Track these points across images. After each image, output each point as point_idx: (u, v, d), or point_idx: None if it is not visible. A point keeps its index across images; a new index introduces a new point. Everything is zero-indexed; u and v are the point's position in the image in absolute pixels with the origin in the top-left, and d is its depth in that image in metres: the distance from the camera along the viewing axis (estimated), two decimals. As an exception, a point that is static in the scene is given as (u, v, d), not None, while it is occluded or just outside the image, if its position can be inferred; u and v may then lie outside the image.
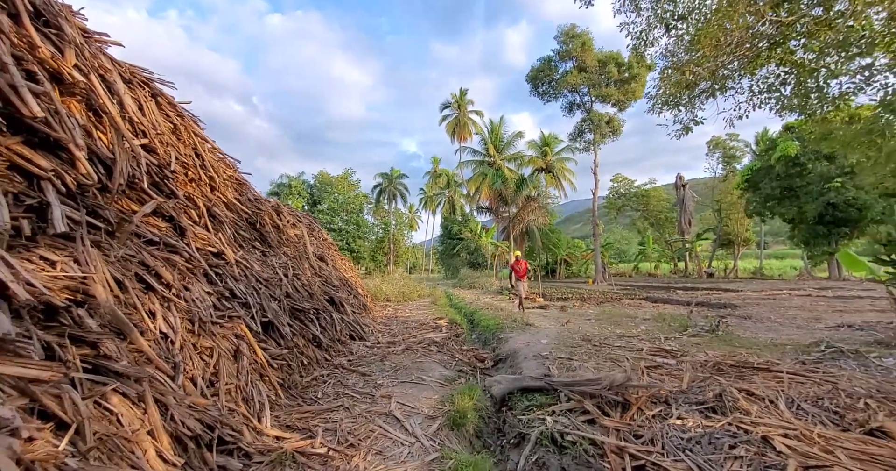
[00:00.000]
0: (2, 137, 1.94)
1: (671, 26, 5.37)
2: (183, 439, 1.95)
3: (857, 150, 4.48)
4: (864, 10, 4.05)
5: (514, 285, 11.01)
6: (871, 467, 2.00)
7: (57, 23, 2.36)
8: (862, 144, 4.36)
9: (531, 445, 2.69)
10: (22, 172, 2.06)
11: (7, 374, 1.27)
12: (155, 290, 2.58)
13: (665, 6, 5.39)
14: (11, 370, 1.28)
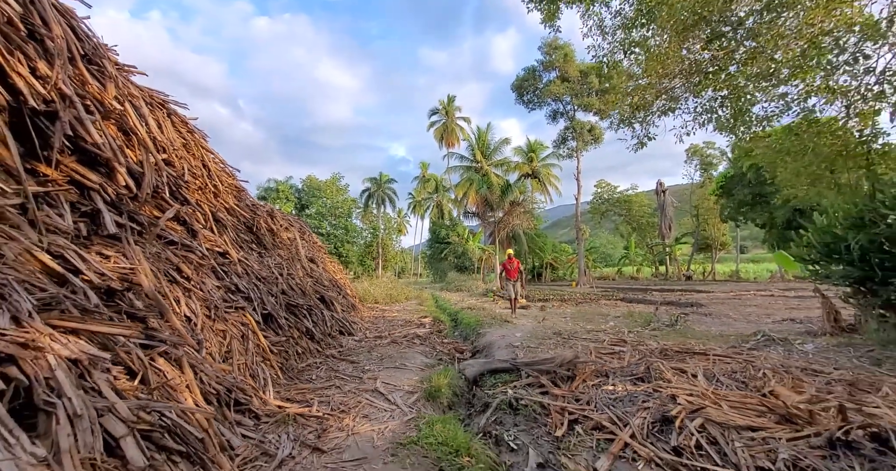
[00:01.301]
0: (64, 157, 2.45)
1: (629, 52, 6.10)
2: (209, 397, 2.47)
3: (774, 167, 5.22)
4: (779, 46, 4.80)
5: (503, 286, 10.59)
6: (738, 409, 2.63)
7: (99, 61, 2.88)
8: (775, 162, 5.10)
9: (492, 409, 3.27)
10: (76, 184, 2.57)
11: (100, 331, 1.79)
12: (177, 281, 3.08)
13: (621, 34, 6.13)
14: (104, 329, 1.79)
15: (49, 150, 2.27)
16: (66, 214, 2.32)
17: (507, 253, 10.58)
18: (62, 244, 2.09)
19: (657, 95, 5.35)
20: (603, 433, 2.65)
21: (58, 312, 1.72)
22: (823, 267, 5.14)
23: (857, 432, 2.11)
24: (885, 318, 4.60)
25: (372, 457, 2.44)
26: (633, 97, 5.42)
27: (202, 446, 2.01)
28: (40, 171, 2.28)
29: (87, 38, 2.74)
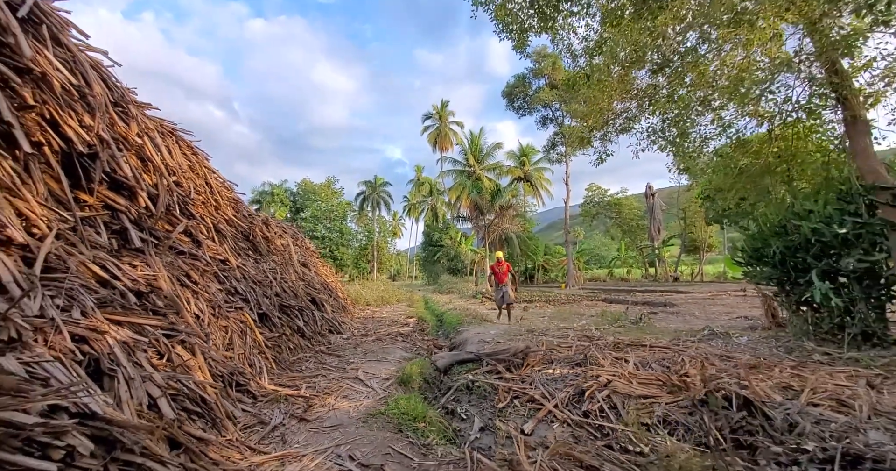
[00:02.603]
0: (99, 186, 3.07)
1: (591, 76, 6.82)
2: (216, 378, 3.09)
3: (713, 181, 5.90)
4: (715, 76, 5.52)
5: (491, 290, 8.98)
6: (643, 384, 3.29)
7: (124, 105, 3.51)
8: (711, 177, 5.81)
9: (452, 390, 3.91)
10: (107, 207, 3.19)
11: (138, 322, 2.41)
12: (187, 285, 3.70)
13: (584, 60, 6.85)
14: (141, 320, 2.41)
15: (90, 182, 2.89)
16: (102, 232, 2.94)
17: (497, 256, 9.34)
18: (103, 257, 2.71)
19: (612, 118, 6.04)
20: (534, 405, 3.29)
21: (110, 308, 2.34)
22: (752, 269, 5.84)
23: (711, 394, 2.78)
24: (800, 313, 5.30)
25: (347, 424, 3.07)
26: (589, 119, 6.12)
27: (213, 411, 2.63)
28: (82, 199, 2.90)
29: (115, 87, 3.36)
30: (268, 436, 2.87)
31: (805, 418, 2.56)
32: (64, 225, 2.48)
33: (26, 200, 2.15)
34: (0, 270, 1.82)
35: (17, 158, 2.21)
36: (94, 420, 1.72)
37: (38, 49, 2.27)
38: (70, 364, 1.83)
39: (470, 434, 3.06)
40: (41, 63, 2.27)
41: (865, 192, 4.43)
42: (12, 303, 1.71)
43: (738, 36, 5.18)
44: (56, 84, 2.40)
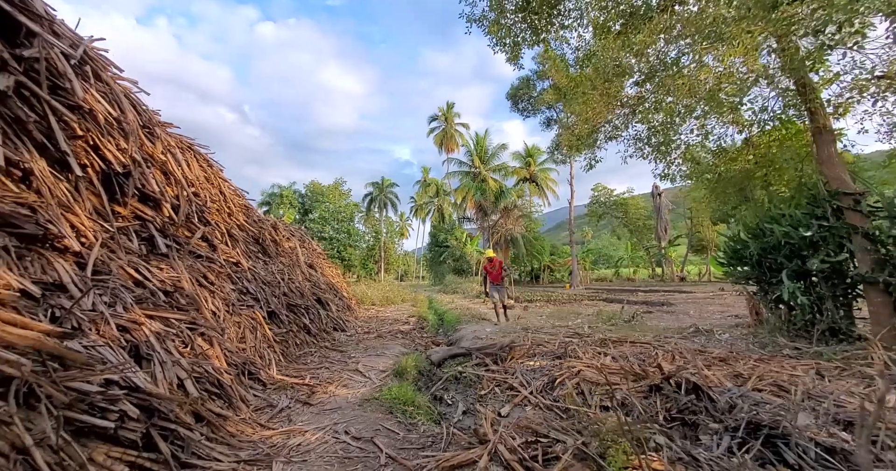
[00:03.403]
0: (131, 200, 3.54)
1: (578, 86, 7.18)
2: (230, 366, 3.54)
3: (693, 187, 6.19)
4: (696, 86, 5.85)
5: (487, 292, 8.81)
6: (612, 374, 3.66)
7: (151, 127, 3.98)
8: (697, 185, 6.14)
9: (442, 380, 4.31)
10: (137, 218, 3.66)
11: (167, 316, 2.85)
12: (205, 285, 4.16)
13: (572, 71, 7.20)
14: (169, 315, 2.86)
15: (124, 196, 3.36)
16: (134, 240, 3.41)
17: (487, 255, 9.00)
18: (136, 261, 3.17)
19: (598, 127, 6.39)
20: (513, 392, 3.68)
21: (145, 304, 2.79)
22: (732, 269, 6.14)
23: (666, 381, 3.13)
24: (775, 311, 5.60)
25: (345, 407, 3.49)
26: (576, 128, 6.46)
27: (229, 394, 3.07)
28: (117, 211, 3.37)
29: (143, 112, 3.83)
30: (276, 416, 3.30)
31: (745, 401, 2.91)
32: (105, 235, 2.94)
33: (77, 214, 2.60)
34: (62, 273, 2.28)
35: (70, 179, 2.67)
36: (138, 392, 2.16)
37: (85, 88, 2.73)
38: (117, 349, 2.27)
39: (454, 417, 3.45)
40: (88, 100, 2.73)
41: (830, 197, 4.72)
42: (74, 300, 2.16)
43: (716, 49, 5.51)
44: (100, 116, 2.85)
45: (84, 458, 1.78)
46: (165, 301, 3.24)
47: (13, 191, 2.20)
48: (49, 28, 2.43)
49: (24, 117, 2.23)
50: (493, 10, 7.08)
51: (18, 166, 2.24)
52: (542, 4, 7.16)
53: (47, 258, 2.25)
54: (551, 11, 7.37)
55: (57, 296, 2.18)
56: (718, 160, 6.06)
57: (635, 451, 1.68)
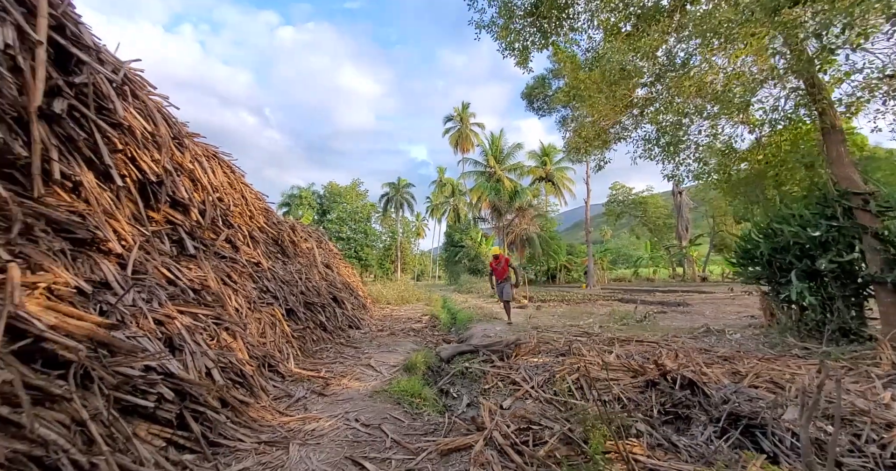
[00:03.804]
0: (163, 206, 3.88)
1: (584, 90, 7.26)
2: (252, 359, 3.83)
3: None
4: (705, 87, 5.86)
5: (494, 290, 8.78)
6: (613, 370, 3.78)
7: (180, 138, 4.32)
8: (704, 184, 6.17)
9: (449, 375, 4.52)
10: (168, 222, 4.00)
11: (196, 312, 3.16)
12: (228, 284, 4.49)
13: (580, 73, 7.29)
14: (198, 311, 3.16)
15: (157, 202, 3.70)
16: (165, 242, 3.74)
17: (493, 252, 9.00)
18: (168, 262, 3.50)
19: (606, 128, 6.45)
20: (515, 386, 3.85)
21: (176, 300, 3.10)
22: (743, 269, 6.11)
23: (663, 378, 3.24)
24: (786, 311, 5.56)
25: (356, 398, 3.74)
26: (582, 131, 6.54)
27: (251, 383, 3.36)
28: (151, 216, 3.71)
29: (173, 124, 4.18)
30: (293, 405, 3.57)
31: (739, 397, 3.00)
32: (141, 238, 3.27)
33: (119, 220, 2.92)
34: (107, 273, 2.59)
35: (112, 189, 3.00)
36: (172, 378, 2.45)
37: (125, 107, 3.05)
38: (154, 339, 2.57)
39: (458, 408, 3.65)
40: (128, 117, 3.05)
41: (839, 197, 4.69)
42: (119, 297, 2.46)
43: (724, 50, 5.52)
44: (137, 131, 3.18)
45: (129, 432, 2.06)
46: (194, 298, 3.55)
47: (66, 200, 2.52)
48: (96, 56, 2.75)
49: (76, 136, 2.55)
50: (501, 16, 7.23)
51: (70, 179, 2.56)
52: (551, 8, 7.27)
53: (95, 260, 2.57)
54: (560, 14, 7.47)
55: (103, 293, 2.49)
56: (728, 160, 6.05)
57: (612, 435, 1.84)
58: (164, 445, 2.26)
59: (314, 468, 2.35)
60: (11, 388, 1.59)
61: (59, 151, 2.41)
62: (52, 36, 2.30)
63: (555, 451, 2.03)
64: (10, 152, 2.08)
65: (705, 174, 6.03)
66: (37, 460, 1.64)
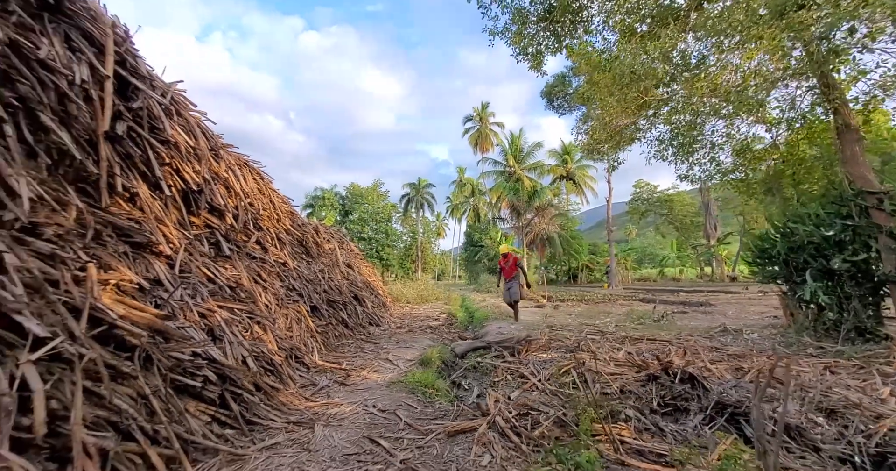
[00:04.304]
0: (202, 211, 4.30)
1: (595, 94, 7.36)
2: (280, 351, 4.21)
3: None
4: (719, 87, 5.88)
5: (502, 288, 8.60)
6: (617, 366, 3.94)
7: (216, 149, 4.76)
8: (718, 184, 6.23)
9: (462, 369, 4.77)
10: (207, 226, 4.43)
11: (233, 307, 3.54)
12: (259, 282, 4.90)
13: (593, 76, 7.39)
14: (234, 306, 3.55)
15: (197, 208, 4.12)
16: (205, 244, 4.17)
17: (501, 250, 8.86)
18: (207, 262, 3.91)
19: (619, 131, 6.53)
20: (523, 379, 4.06)
21: (216, 296, 3.49)
22: (760, 268, 6.08)
23: (664, 372, 3.39)
24: (803, 310, 5.52)
25: (374, 388, 4.05)
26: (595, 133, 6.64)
27: (280, 372, 3.72)
28: (192, 221, 4.14)
29: (210, 137, 4.62)
30: (317, 392, 3.92)
31: (738, 391, 3.13)
32: (185, 241, 3.68)
33: (167, 225, 3.33)
34: (159, 272, 2.99)
35: (161, 198, 3.41)
36: (215, 363, 2.81)
37: (171, 125, 3.46)
38: (198, 329, 2.95)
39: (468, 399, 3.90)
40: (174, 134, 3.47)
41: (854, 196, 4.66)
42: (170, 293, 2.85)
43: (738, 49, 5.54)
44: (181, 146, 3.59)
45: (182, 407, 2.43)
46: (230, 295, 3.95)
47: (126, 209, 2.93)
48: (149, 84, 3.16)
49: (133, 153, 2.96)
50: (515, 23, 7.41)
51: (129, 190, 2.97)
52: (564, 12, 7.40)
53: (149, 260, 2.97)
54: (574, 18, 7.59)
55: (157, 289, 2.88)
56: (744, 160, 6.04)
57: (599, 419, 2.05)
58: (209, 420, 2.62)
59: (336, 445, 2.66)
60: (94, 365, 1.96)
61: (120, 167, 2.81)
62: (115, 69, 2.69)
63: (548, 432, 2.25)
64: (85, 170, 2.48)
65: (719, 174, 6.04)
66: (113, 424, 2.01)
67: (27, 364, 1.67)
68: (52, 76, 2.19)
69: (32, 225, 1.97)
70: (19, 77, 2.06)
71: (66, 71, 2.25)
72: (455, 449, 2.44)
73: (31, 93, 2.11)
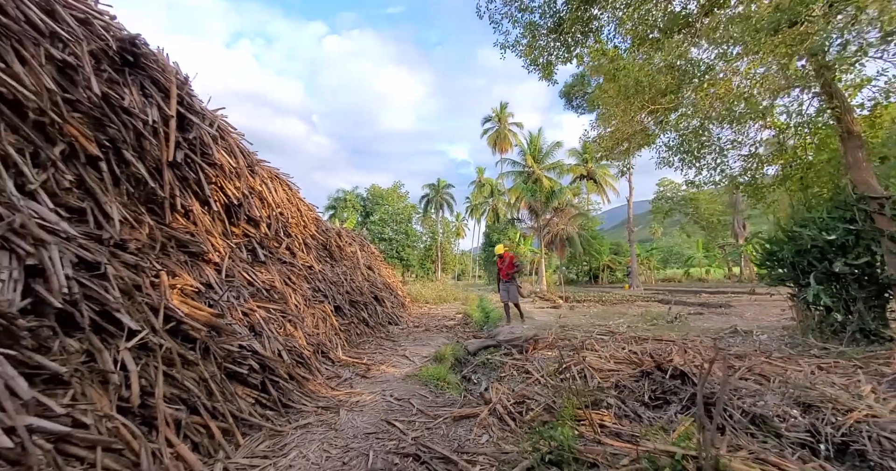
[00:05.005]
0: (241, 222, 4.86)
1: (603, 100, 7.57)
2: (309, 345, 4.72)
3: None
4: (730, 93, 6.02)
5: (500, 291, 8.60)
6: (616, 363, 4.23)
7: (252, 165, 5.33)
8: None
9: (472, 365, 5.16)
10: (244, 235, 4.99)
11: (270, 307, 4.06)
12: (289, 284, 5.43)
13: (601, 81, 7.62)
14: (270, 306, 4.06)
15: (238, 220, 4.68)
16: (243, 252, 4.72)
17: (497, 250, 8.64)
18: (246, 267, 4.45)
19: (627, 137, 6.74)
20: (527, 375, 4.41)
21: (255, 298, 4.02)
22: (768, 271, 6.18)
23: (657, 369, 3.67)
24: (809, 312, 5.61)
25: (392, 380, 4.49)
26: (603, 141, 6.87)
27: (309, 364, 4.21)
28: (232, 231, 4.70)
29: (247, 155, 5.19)
30: (341, 383, 4.39)
31: (726, 386, 3.39)
32: (228, 249, 4.23)
33: (215, 236, 3.88)
34: (210, 277, 3.52)
35: (209, 212, 3.97)
36: (257, 354, 3.31)
37: (217, 149, 4.01)
38: (242, 326, 3.46)
39: (476, 391, 4.28)
40: (219, 157, 4.01)
41: (856, 201, 4.76)
42: (220, 295, 3.37)
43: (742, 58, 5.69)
44: (225, 166, 4.14)
45: (232, 390, 2.93)
46: (266, 296, 4.48)
47: (182, 224, 3.48)
48: (201, 117, 3.71)
49: (188, 176, 3.50)
50: (525, 36, 7.73)
51: (185, 208, 3.52)
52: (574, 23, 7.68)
53: (201, 267, 3.50)
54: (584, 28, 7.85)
55: (209, 291, 3.41)
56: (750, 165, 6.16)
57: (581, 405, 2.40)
58: (253, 402, 3.12)
59: (358, 425, 3.10)
60: (169, 353, 2.47)
61: (178, 189, 3.36)
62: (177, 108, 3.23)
63: (538, 416, 2.62)
64: (154, 193, 3.02)
65: (727, 179, 6.19)
66: (183, 400, 2.52)
67: (125, 351, 2.18)
68: (132, 120, 2.73)
69: (122, 241, 2.50)
70: (109, 123, 2.59)
71: (142, 115, 2.79)
72: (459, 430, 2.83)
73: (118, 134, 2.65)
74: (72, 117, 2.36)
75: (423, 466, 2.27)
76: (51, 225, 1.97)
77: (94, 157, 2.48)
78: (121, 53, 2.83)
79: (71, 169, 2.32)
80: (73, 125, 2.34)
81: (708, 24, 6.24)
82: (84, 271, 2.13)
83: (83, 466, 1.73)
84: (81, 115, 2.48)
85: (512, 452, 2.27)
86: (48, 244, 1.86)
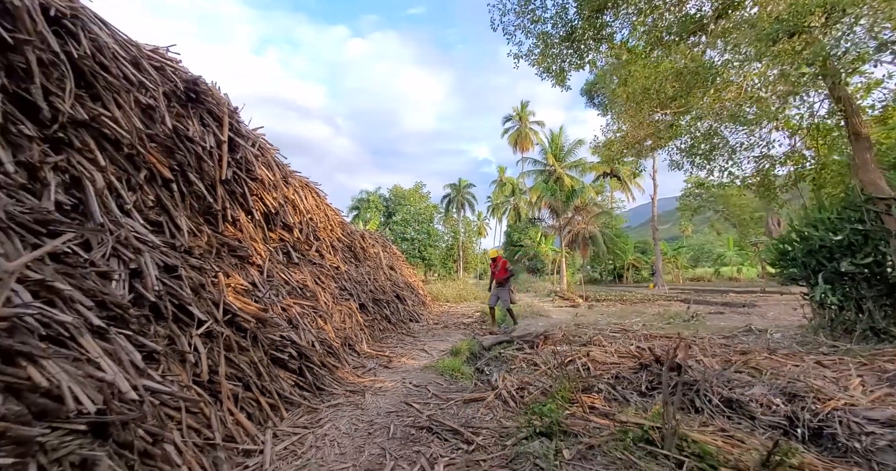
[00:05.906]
0: (280, 228, 5.45)
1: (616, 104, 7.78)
2: (337, 338, 5.25)
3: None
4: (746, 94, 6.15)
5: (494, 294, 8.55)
6: (621, 357, 4.53)
7: (286, 177, 5.92)
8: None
9: (485, 359, 5.56)
10: (280, 239, 5.58)
11: (304, 304, 4.60)
12: (318, 284, 6.00)
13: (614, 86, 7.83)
14: (304, 303, 4.61)
15: (274, 226, 5.26)
16: (280, 255, 5.30)
17: (490, 255, 8.74)
18: (282, 268, 5.02)
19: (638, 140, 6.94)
20: (535, 367, 4.77)
21: (291, 295, 4.57)
22: (780, 270, 6.26)
23: (656, 362, 3.96)
24: (820, 311, 5.68)
25: (411, 370, 4.96)
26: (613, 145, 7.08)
27: (338, 355, 4.73)
28: (270, 235, 5.28)
29: (281, 167, 5.78)
30: (366, 372, 4.90)
31: (719, 379, 3.65)
32: (267, 253, 4.81)
33: (257, 241, 4.45)
34: (254, 277, 4.08)
35: (252, 221, 4.55)
36: (295, 344, 3.84)
37: (258, 165, 4.59)
38: (282, 319, 4.00)
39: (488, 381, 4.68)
40: (261, 173, 4.59)
41: (864, 202, 4.85)
42: (263, 293, 3.93)
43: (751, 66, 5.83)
44: (265, 180, 4.72)
45: (276, 373, 3.46)
46: (300, 294, 5.04)
47: (231, 232, 4.05)
48: (245, 138, 4.28)
49: (236, 190, 4.08)
50: (538, 46, 8.03)
51: (233, 218, 4.09)
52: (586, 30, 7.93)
53: (247, 269, 4.07)
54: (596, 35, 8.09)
55: (254, 290, 3.97)
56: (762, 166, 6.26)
57: (574, 389, 2.77)
58: (293, 384, 3.65)
59: (381, 406, 3.57)
60: (228, 341, 3.01)
61: (228, 201, 3.93)
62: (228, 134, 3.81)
63: (535, 398, 3.00)
64: (210, 206, 3.60)
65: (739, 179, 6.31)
66: (239, 379, 3.05)
67: (196, 337, 2.72)
68: (194, 146, 3.29)
69: (189, 248, 3.06)
70: (177, 150, 3.16)
71: (202, 142, 3.36)
72: (468, 410, 3.25)
73: (184, 158, 3.22)
74: (151, 147, 2.94)
75: (434, 436, 2.70)
76: (142, 236, 2.52)
77: (167, 179, 3.05)
78: (186, 92, 3.41)
79: (151, 190, 2.89)
80: (153, 154, 2.91)
81: (722, 25, 6.38)
82: (165, 274, 2.69)
83: (172, 422, 2.26)
84: (157, 144, 3.05)
85: (510, 426, 2.67)
86: (143, 252, 2.40)
